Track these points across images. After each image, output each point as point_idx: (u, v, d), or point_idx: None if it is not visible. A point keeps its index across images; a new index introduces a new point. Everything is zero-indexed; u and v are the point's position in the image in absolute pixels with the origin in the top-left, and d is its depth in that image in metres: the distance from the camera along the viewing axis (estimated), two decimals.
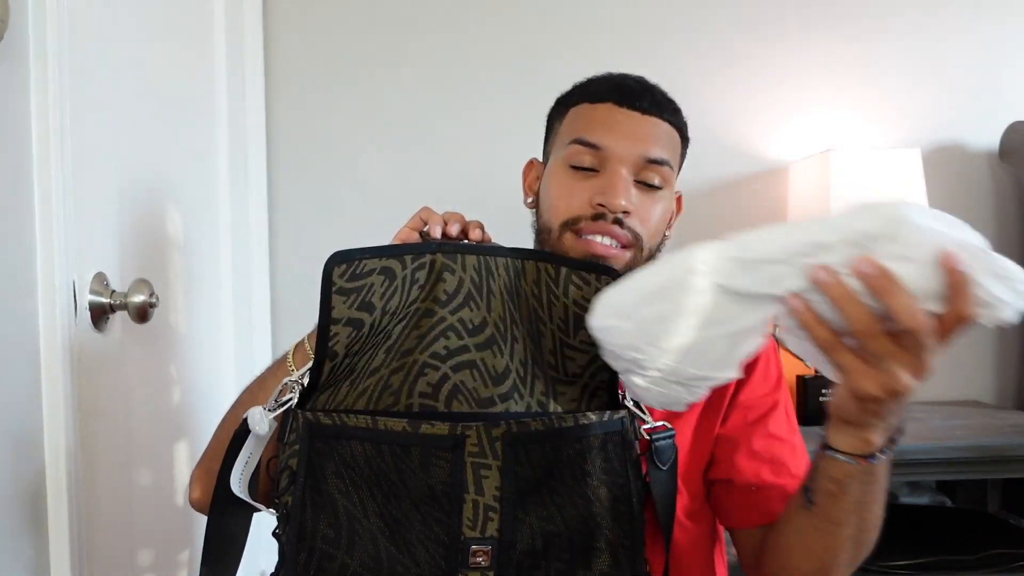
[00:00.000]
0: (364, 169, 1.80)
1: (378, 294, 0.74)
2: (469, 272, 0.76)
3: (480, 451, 0.71)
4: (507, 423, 0.72)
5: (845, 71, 1.82)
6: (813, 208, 1.66)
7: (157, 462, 1.30)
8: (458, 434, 0.71)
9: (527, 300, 0.77)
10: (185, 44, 1.48)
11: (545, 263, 0.78)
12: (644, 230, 0.88)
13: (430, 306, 0.76)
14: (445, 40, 1.80)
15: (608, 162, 0.87)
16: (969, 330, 0.61)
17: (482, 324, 0.75)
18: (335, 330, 0.74)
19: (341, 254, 0.76)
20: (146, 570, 1.23)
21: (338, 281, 0.75)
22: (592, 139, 0.88)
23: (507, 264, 0.78)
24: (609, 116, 0.88)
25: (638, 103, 0.89)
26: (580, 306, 0.76)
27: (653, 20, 1.81)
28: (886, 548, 0.99)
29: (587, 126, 0.89)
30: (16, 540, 0.90)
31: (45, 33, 0.95)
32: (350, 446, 0.72)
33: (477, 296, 0.76)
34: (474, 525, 0.70)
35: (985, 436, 1.39)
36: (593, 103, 0.90)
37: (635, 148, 0.87)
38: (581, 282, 0.77)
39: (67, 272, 0.98)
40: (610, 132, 0.87)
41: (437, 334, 0.75)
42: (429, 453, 0.71)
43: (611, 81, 0.92)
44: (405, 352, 0.75)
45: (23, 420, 0.93)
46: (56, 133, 0.96)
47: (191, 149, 1.48)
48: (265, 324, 1.72)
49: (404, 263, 0.75)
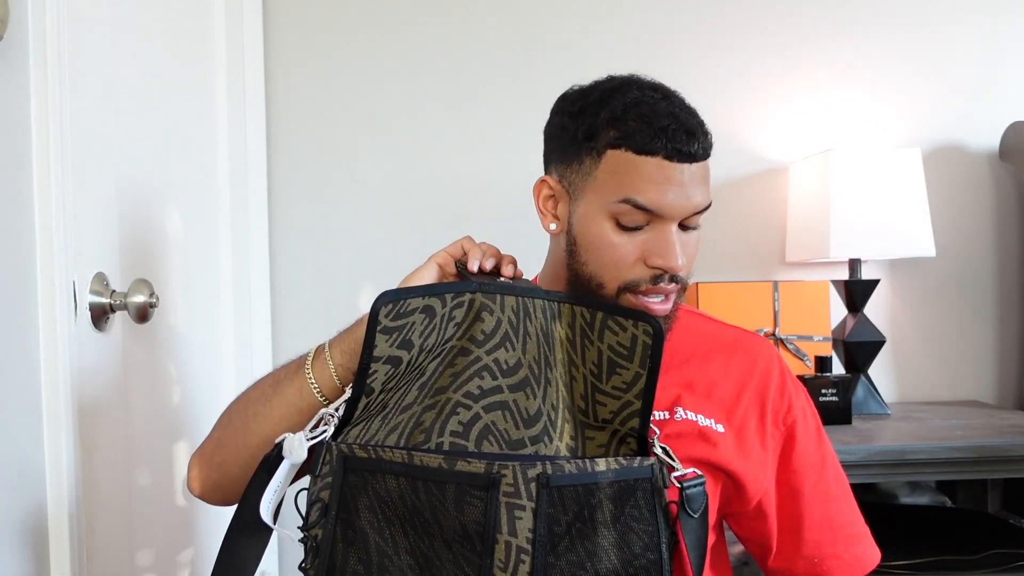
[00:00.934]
0: (364, 169, 1.80)
1: (418, 332, 0.76)
2: (507, 313, 0.77)
3: (515, 491, 0.70)
4: (543, 464, 0.71)
5: (845, 71, 1.82)
6: (813, 208, 1.66)
7: (157, 462, 1.30)
8: (494, 473, 0.70)
9: (561, 343, 0.78)
10: (185, 44, 1.48)
11: (581, 307, 0.79)
12: (687, 272, 0.87)
13: (466, 345, 0.76)
14: (446, 40, 1.80)
15: (660, 220, 0.82)
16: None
17: (517, 365, 0.76)
18: (375, 368, 0.75)
19: (389, 294, 0.76)
20: (146, 570, 1.23)
21: (383, 320, 0.75)
22: (645, 203, 0.81)
23: (544, 306, 0.79)
24: (661, 173, 0.81)
25: (689, 152, 0.81)
26: (615, 351, 0.77)
27: (653, 20, 1.81)
28: (886, 548, 0.99)
29: (638, 186, 0.81)
30: (16, 539, 0.90)
31: (45, 33, 0.95)
32: (385, 481, 0.71)
33: (514, 337, 0.77)
34: (505, 567, 0.69)
35: (985, 436, 1.39)
36: (640, 154, 0.81)
37: (689, 206, 0.83)
38: (617, 327, 0.77)
39: (67, 272, 0.98)
40: (664, 193, 0.81)
41: (472, 373, 0.75)
42: (464, 491, 0.70)
43: (658, 126, 0.81)
44: (438, 390, 0.75)
45: (23, 420, 0.93)
46: (56, 133, 0.96)
47: (191, 149, 1.48)
48: (265, 324, 1.71)
49: (444, 301, 0.77)
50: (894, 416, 1.61)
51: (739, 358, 0.94)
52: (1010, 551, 1.39)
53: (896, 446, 1.35)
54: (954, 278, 1.83)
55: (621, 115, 0.83)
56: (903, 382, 1.83)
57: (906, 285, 1.83)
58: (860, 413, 1.61)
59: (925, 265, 1.82)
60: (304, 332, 1.79)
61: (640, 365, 0.77)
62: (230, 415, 0.87)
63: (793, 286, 1.68)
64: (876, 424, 1.53)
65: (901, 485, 1.70)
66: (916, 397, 1.83)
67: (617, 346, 0.77)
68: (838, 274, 1.78)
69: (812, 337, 1.66)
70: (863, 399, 1.63)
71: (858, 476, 1.32)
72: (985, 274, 1.84)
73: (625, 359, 0.77)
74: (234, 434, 0.84)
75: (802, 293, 1.67)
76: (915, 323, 1.83)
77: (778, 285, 1.67)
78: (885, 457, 1.34)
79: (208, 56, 1.57)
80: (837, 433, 1.42)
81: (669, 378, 0.88)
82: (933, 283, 1.83)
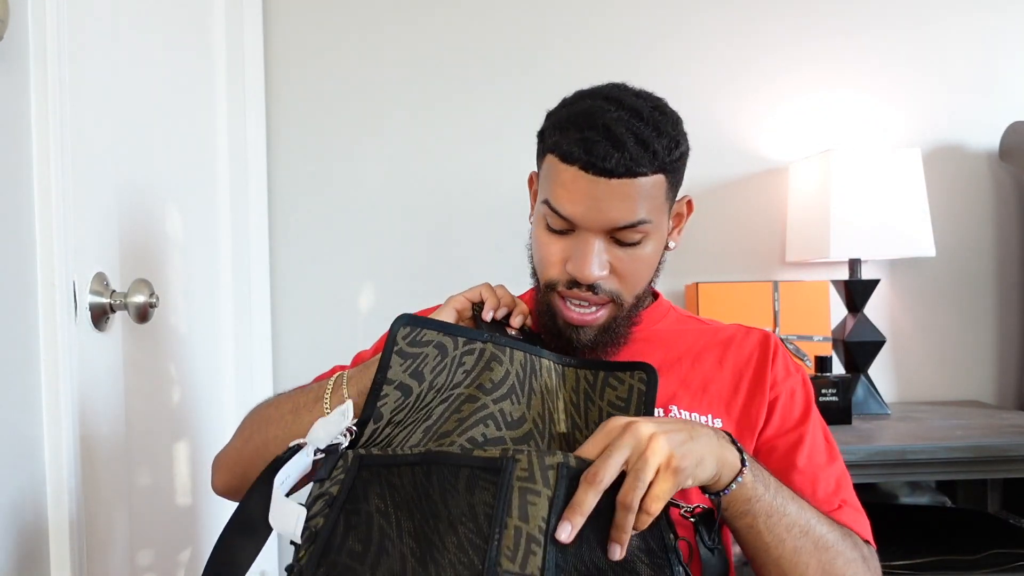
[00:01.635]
0: (364, 169, 1.80)
1: (429, 366, 0.76)
2: (515, 367, 0.78)
3: (530, 476, 0.65)
4: (564, 455, 0.67)
5: (845, 71, 1.82)
6: (813, 208, 1.66)
7: (157, 462, 1.30)
8: (508, 456, 0.67)
9: (566, 406, 0.79)
10: (185, 44, 1.48)
11: (586, 370, 0.80)
12: (622, 287, 0.87)
13: (474, 392, 0.77)
14: (446, 40, 1.80)
15: (583, 229, 0.84)
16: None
17: (521, 419, 0.76)
18: (387, 391, 0.75)
19: (408, 317, 0.77)
20: (146, 570, 1.23)
21: (400, 343, 0.76)
22: (559, 209, 0.83)
23: (551, 367, 0.80)
24: (575, 184, 0.82)
25: (606, 166, 0.80)
26: (614, 406, 0.77)
27: (653, 20, 1.81)
28: (886, 548, 0.99)
29: (555, 191, 0.84)
30: (16, 539, 0.90)
31: (45, 33, 0.94)
32: (399, 472, 0.69)
33: (520, 391, 0.77)
34: (513, 556, 0.62)
35: (985, 436, 1.39)
36: (563, 161, 0.83)
37: (602, 220, 0.82)
38: (616, 382, 0.78)
39: (67, 272, 0.98)
40: (576, 204, 0.82)
41: (476, 420, 0.75)
42: (476, 475, 0.66)
43: (581, 134, 0.82)
44: (443, 434, 0.75)
45: (23, 420, 0.93)
46: (56, 133, 0.96)
47: (191, 149, 1.48)
48: (265, 324, 1.72)
49: (456, 343, 0.78)
50: (894, 416, 1.61)
51: (733, 352, 0.95)
52: (1010, 551, 1.39)
53: (896, 446, 1.35)
54: (954, 278, 1.83)
55: (564, 121, 0.85)
56: (903, 382, 1.83)
57: (906, 285, 1.83)
58: (860, 413, 1.61)
59: (925, 265, 1.82)
60: (304, 332, 1.79)
61: (636, 412, 0.77)
62: (251, 427, 0.89)
63: (793, 286, 1.68)
64: (876, 424, 1.53)
65: (901, 485, 1.70)
66: (916, 397, 1.83)
67: (616, 400, 0.77)
68: (838, 274, 1.78)
69: (812, 337, 1.66)
70: (863, 399, 1.63)
71: (858, 476, 1.31)
72: (985, 274, 1.84)
73: (622, 411, 0.77)
74: (253, 452, 0.86)
75: (802, 293, 1.67)
76: (915, 323, 1.83)
77: (778, 285, 1.67)
78: (885, 457, 1.34)
79: (208, 56, 1.57)
80: (837, 433, 1.41)
81: (663, 379, 0.88)
82: (933, 283, 1.83)
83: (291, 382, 1.79)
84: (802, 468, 0.88)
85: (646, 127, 0.82)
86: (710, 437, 0.72)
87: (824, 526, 0.79)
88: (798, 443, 0.90)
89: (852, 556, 0.80)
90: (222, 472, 0.91)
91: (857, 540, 0.83)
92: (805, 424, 0.91)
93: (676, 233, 0.94)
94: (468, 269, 1.78)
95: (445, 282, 1.82)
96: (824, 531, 0.79)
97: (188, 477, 1.40)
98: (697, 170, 1.82)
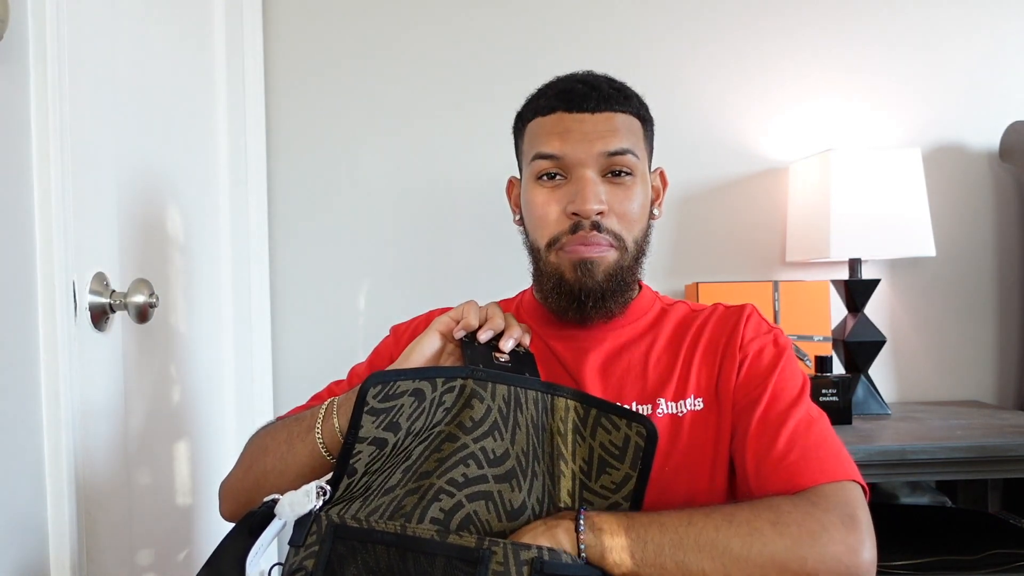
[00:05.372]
0: (364, 168, 1.80)
1: (406, 415, 0.75)
2: (498, 402, 0.77)
3: (504, 571, 0.67)
4: (539, 550, 0.68)
5: (845, 71, 1.82)
6: (813, 208, 1.66)
7: (157, 462, 1.30)
8: (484, 548, 0.68)
9: (552, 438, 0.77)
10: (185, 44, 1.48)
11: (575, 402, 0.78)
12: (623, 226, 0.90)
13: (454, 431, 0.76)
14: (445, 38, 1.80)
15: (571, 169, 0.90)
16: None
17: (504, 455, 0.75)
18: (359, 448, 0.74)
19: (379, 375, 0.76)
20: (146, 570, 1.23)
21: (371, 402, 0.75)
22: (549, 150, 0.90)
23: (536, 398, 0.78)
24: (560, 124, 0.91)
25: (585, 104, 0.90)
26: (606, 450, 0.76)
27: (652, 19, 1.81)
28: (886, 548, 0.99)
29: (543, 139, 0.91)
30: (16, 539, 0.90)
31: (45, 33, 0.95)
32: (375, 551, 0.69)
33: (503, 426, 0.76)
34: None
35: (985, 436, 1.39)
36: (545, 115, 0.92)
37: (592, 148, 0.89)
38: (610, 425, 0.77)
39: (67, 272, 0.98)
40: (565, 140, 0.90)
41: (457, 460, 0.74)
42: (453, 565, 0.67)
43: (556, 89, 0.94)
44: (423, 475, 0.74)
45: (23, 420, 0.93)
46: (56, 133, 0.96)
47: (191, 148, 1.48)
48: (265, 324, 1.72)
49: (435, 385, 0.76)
50: (894, 416, 1.61)
51: (713, 329, 0.93)
52: (1010, 551, 1.39)
53: (896, 446, 1.35)
54: (954, 278, 1.83)
55: (537, 95, 0.97)
56: (903, 382, 1.83)
57: (906, 285, 1.83)
58: (860, 413, 1.61)
59: (925, 265, 1.82)
60: (304, 332, 1.79)
61: (631, 467, 0.76)
62: (250, 457, 0.89)
63: (793, 286, 1.68)
64: (876, 424, 1.53)
65: (901, 485, 1.70)
66: (916, 397, 1.83)
67: (609, 445, 0.76)
68: (838, 274, 1.78)
69: (812, 337, 1.66)
70: (863, 399, 1.63)
71: None
72: (985, 274, 1.84)
73: (616, 459, 0.76)
74: (253, 484, 0.86)
75: (802, 293, 1.67)
76: (915, 323, 1.83)
77: (778, 285, 1.67)
78: (885, 457, 1.34)
79: (208, 56, 1.57)
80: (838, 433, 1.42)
81: (649, 374, 0.91)
82: (933, 283, 1.83)
83: (291, 382, 1.80)
84: (754, 431, 0.84)
85: (616, 82, 0.95)
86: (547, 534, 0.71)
87: (735, 539, 0.72)
88: (756, 401, 0.86)
89: (769, 536, 0.72)
90: (228, 501, 0.91)
91: (781, 504, 0.75)
92: (768, 380, 0.87)
93: (658, 204, 0.99)
94: (467, 269, 1.78)
95: (444, 282, 1.83)
96: (734, 544, 0.72)
97: (188, 477, 1.40)
98: (697, 170, 1.83)
